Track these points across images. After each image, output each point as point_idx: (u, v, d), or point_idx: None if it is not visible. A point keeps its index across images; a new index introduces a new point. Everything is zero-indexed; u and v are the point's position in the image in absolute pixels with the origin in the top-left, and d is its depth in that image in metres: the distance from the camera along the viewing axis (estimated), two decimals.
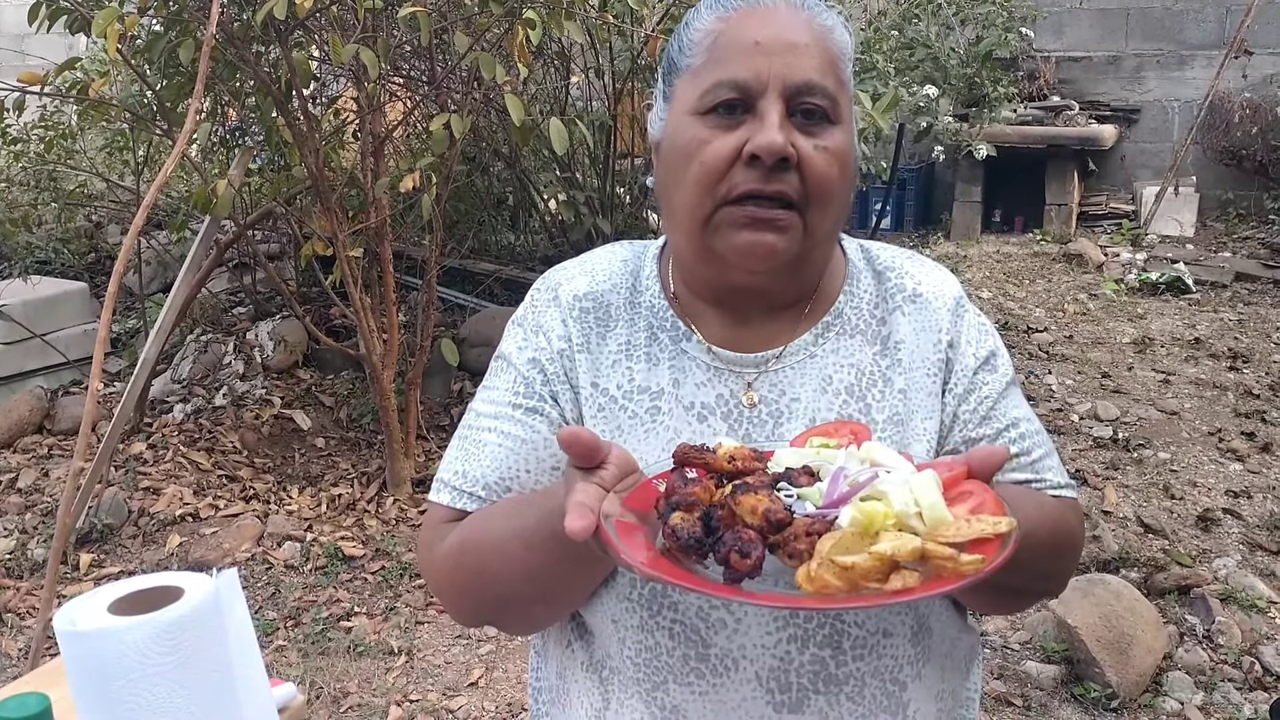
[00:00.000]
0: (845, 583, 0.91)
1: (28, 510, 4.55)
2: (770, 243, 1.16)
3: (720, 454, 1.04)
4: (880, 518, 0.94)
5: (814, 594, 0.91)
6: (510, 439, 1.24)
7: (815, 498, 1.00)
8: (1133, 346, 6.25)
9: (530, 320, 1.31)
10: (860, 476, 0.99)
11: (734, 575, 0.93)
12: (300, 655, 3.66)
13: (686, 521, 0.97)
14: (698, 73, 1.20)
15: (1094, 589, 3.55)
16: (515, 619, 1.27)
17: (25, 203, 5.75)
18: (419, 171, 3.93)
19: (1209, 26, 8.59)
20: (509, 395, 1.27)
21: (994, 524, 0.95)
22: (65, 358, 5.66)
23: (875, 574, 0.91)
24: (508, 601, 1.20)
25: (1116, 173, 8.97)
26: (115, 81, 4.83)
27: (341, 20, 4.06)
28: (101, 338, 3.04)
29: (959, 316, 1.28)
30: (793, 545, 0.94)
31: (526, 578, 1.15)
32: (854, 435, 1.10)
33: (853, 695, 1.17)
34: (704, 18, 1.22)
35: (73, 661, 1.26)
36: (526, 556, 1.13)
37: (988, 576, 0.91)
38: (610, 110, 5.32)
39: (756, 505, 0.96)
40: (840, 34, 1.22)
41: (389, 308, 4.58)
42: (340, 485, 4.77)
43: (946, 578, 0.91)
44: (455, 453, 1.28)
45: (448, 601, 1.28)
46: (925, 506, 0.96)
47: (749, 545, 0.93)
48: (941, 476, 0.99)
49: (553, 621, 1.28)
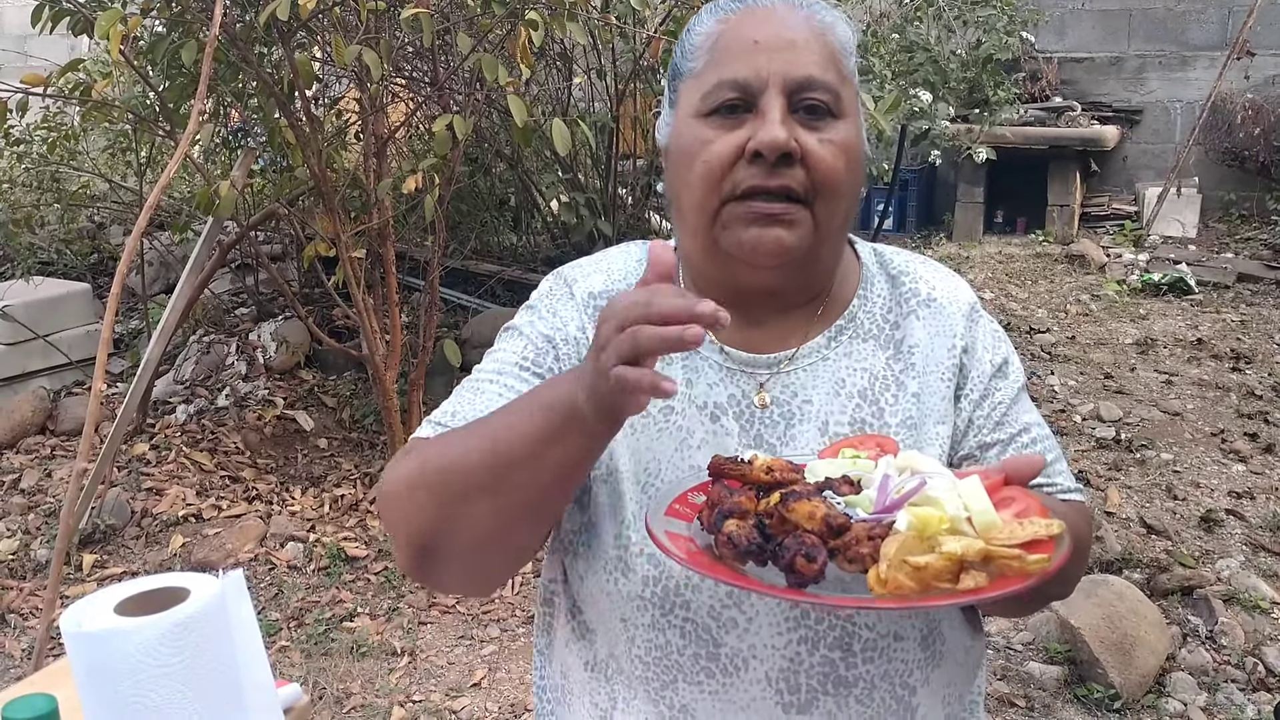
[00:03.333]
0: (918, 583, 0.92)
1: (31, 511, 4.56)
2: (778, 237, 1.16)
3: (757, 466, 1.05)
4: (935, 522, 0.96)
5: (889, 595, 0.92)
6: (512, 392, 1.22)
7: (865, 505, 1.01)
8: (1135, 347, 6.25)
9: (546, 305, 1.31)
10: (908, 483, 1.01)
11: (799, 580, 0.94)
12: (303, 656, 3.66)
13: (742, 529, 0.98)
14: (700, 75, 1.21)
15: (1097, 590, 3.55)
16: (459, 529, 1.11)
17: (28, 204, 5.76)
18: (421, 172, 3.93)
19: (1211, 27, 8.58)
20: (516, 357, 1.27)
21: (1046, 526, 0.97)
22: (68, 358, 5.66)
23: (946, 574, 0.93)
24: (455, 492, 1.09)
25: (1119, 174, 8.96)
26: (118, 83, 4.84)
27: (344, 21, 4.06)
28: (104, 338, 3.04)
29: (974, 323, 1.29)
30: (855, 549, 0.95)
31: (486, 460, 1.06)
32: (880, 448, 1.11)
33: (861, 698, 1.17)
34: (705, 22, 1.23)
35: (79, 662, 1.26)
36: (492, 433, 1.07)
37: (1053, 575, 0.93)
38: (612, 111, 5.32)
39: (814, 511, 0.97)
40: (841, 29, 1.23)
41: (391, 308, 4.58)
42: (343, 486, 4.77)
43: (1012, 577, 0.93)
44: (450, 400, 1.26)
45: (393, 511, 1.15)
46: (976, 511, 0.98)
47: (814, 550, 0.94)
48: (982, 484, 1.01)
49: (495, 549, 1.15)
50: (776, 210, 1.15)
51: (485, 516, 1.09)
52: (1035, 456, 1.08)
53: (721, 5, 1.23)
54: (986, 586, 0.92)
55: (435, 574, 1.20)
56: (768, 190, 1.15)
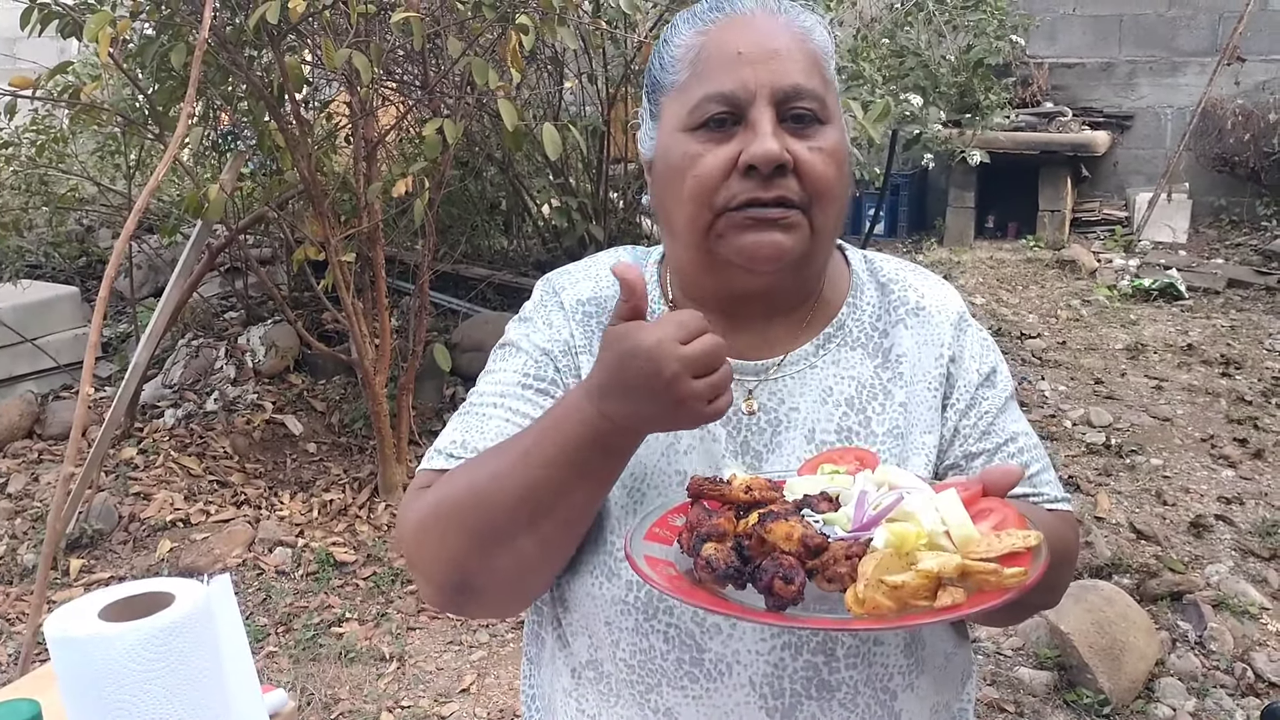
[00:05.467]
0: (895, 602, 0.92)
1: (17, 515, 4.54)
2: (777, 241, 1.16)
3: (736, 485, 1.05)
4: (913, 538, 0.96)
5: (867, 615, 0.92)
6: (518, 415, 1.22)
7: (843, 522, 1.01)
8: (1125, 353, 6.26)
9: (540, 316, 1.31)
10: (885, 499, 1.00)
11: (778, 602, 0.94)
12: (291, 661, 3.65)
13: (720, 552, 0.98)
14: (684, 89, 1.20)
15: (1086, 595, 3.55)
16: (500, 565, 1.12)
17: (16, 206, 5.73)
18: (412, 176, 3.93)
19: (1202, 33, 8.62)
20: (518, 376, 1.26)
21: (1024, 538, 0.97)
22: (56, 362, 5.64)
23: (924, 592, 0.93)
24: (497, 534, 1.10)
25: (1109, 179, 8.99)
26: (107, 85, 4.83)
27: (334, 25, 4.05)
28: (93, 342, 3.03)
29: (961, 331, 1.29)
30: (833, 569, 0.95)
31: (524, 496, 1.08)
32: (860, 461, 1.12)
33: (845, 702, 1.17)
34: (683, 33, 1.22)
35: (64, 668, 1.25)
36: (525, 473, 1.08)
37: (1031, 588, 0.92)
38: (604, 116, 5.32)
39: (791, 531, 0.97)
40: (820, 34, 1.23)
41: (381, 313, 4.57)
42: (332, 491, 4.75)
43: (990, 592, 0.93)
44: (454, 426, 1.25)
45: (425, 552, 1.16)
46: (953, 525, 0.98)
47: (791, 571, 0.94)
48: (960, 496, 1.01)
49: (536, 576, 1.18)
50: (774, 215, 1.15)
51: (528, 549, 1.11)
52: (1013, 467, 1.08)
53: (699, 15, 1.22)
54: (963, 604, 0.92)
55: (473, 607, 1.22)
56: (763, 203, 1.15)
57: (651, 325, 1.00)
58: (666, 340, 0.98)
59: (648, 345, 0.98)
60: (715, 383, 0.99)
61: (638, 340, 0.99)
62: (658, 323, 1.00)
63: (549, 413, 1.11)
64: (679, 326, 0.99)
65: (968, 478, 1.08)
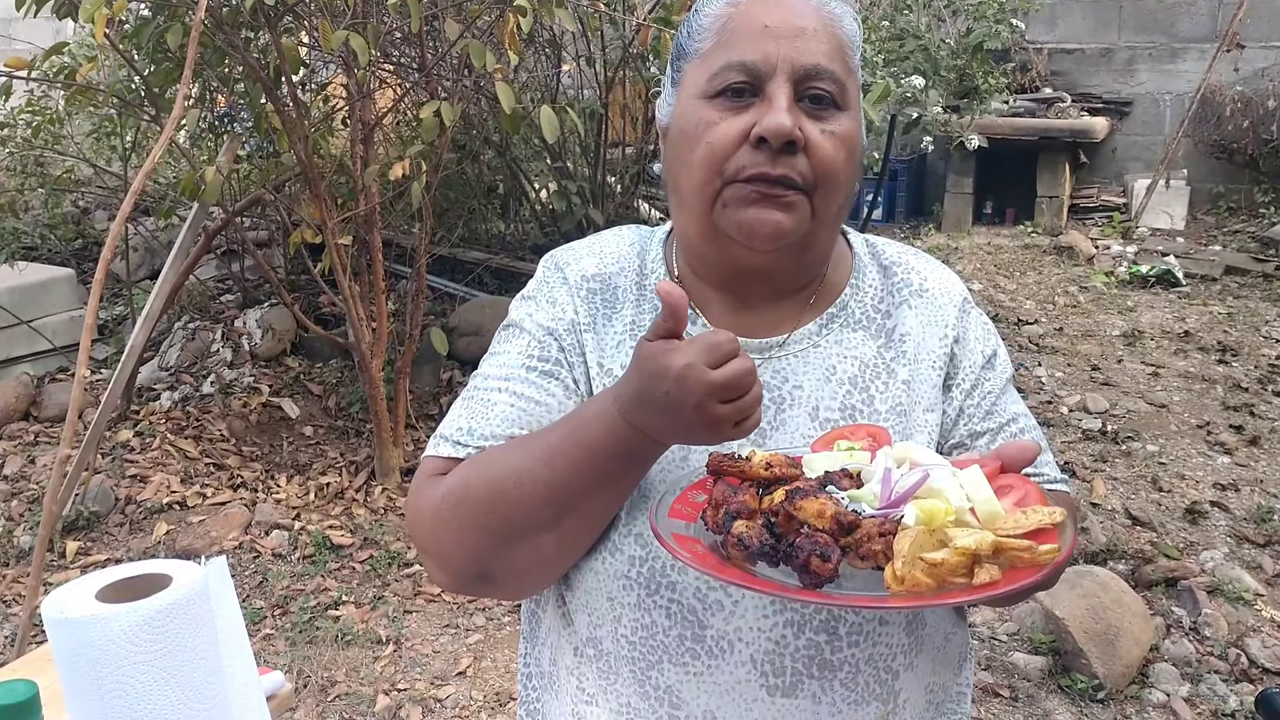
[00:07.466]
0: (934, 580, 0.92)
1: (14, 497, 4.54)
2: (777, 220, 1.16)
3: (756, 461, 1.05)
4: (942, 515, 0.96)
5: (906, 593, 0.92)
6: (523, 399, 1.22)
7: (870, 499, 1.00)
8: (1122, 339, 6.26)
9: (543, 294, 1.31)
10: (910, 476, 1.00)
11: (814, 580, 0.94)
12: (287, 644, 3.65)
13: (751, 529, 0.98)
14: (706, 56, 1.21)
15: (1081, 581, 3.56)
16: (520, 558, 1.14)
17: (12, 188, 5.72)
18: (409, 159, 3.92)
19: (1201, 20, 8.60)
20: (521, 358, 1.26)
21: (1050, 514, 0.97)
22: (52, 344, 5.64)
23: (961, 569, 0.93)
24: (518, 531, 1.12)
25: (1108, 165, 8.99)
26: (103, 66, 4.80)
27: (331, 6, 4.03)
28: (89, 324, 3.02)
29: (965, 314, 1.31)
30: (867, 547, 0.95)
31: (547, 497, 1.10)
32: (873, 437, 1.11)
33: (846, 681, 1.18)
34: (714, 3, 1.23)
35: (61, 649, 1.25)
36: (549, 474, 1.09)
37: (1064, 564, 0.92)
38: (602, 99, 5.31)
39: (823, 509, 0.96)
40: (848, 23, 1.23)
41: (378, 296, 4.57)
42: (328, 474, 4.76)
43: (1023, 569, 0.93)
44: (459, 411, 1.25)
45: (443, 545, 1.16)
46: (979, 502, 0.98)
47: (828, 549, 0.94)
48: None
49: (556, 566, 1.19)
50: (777, 193, 1.16)
51: (548, 544, 1.14)
52: (1029, 442, 1.09)
53: None
54: (1001, 580, 0.92)
55: (489, 592, 1.25)
56: (770, 178, 1.15)
57: (683, 347, 1.00)
58: (696, 365, 0.98)
59: (677, 370, 0.99)
60: (742, 406, 1.00)
61: (668, 363, 1.00)
62: (689, 344, 1.00)
63: (575, 414, 1.12)
64: (709, 350, 0.99)
65: (982, 454, 1.08)
